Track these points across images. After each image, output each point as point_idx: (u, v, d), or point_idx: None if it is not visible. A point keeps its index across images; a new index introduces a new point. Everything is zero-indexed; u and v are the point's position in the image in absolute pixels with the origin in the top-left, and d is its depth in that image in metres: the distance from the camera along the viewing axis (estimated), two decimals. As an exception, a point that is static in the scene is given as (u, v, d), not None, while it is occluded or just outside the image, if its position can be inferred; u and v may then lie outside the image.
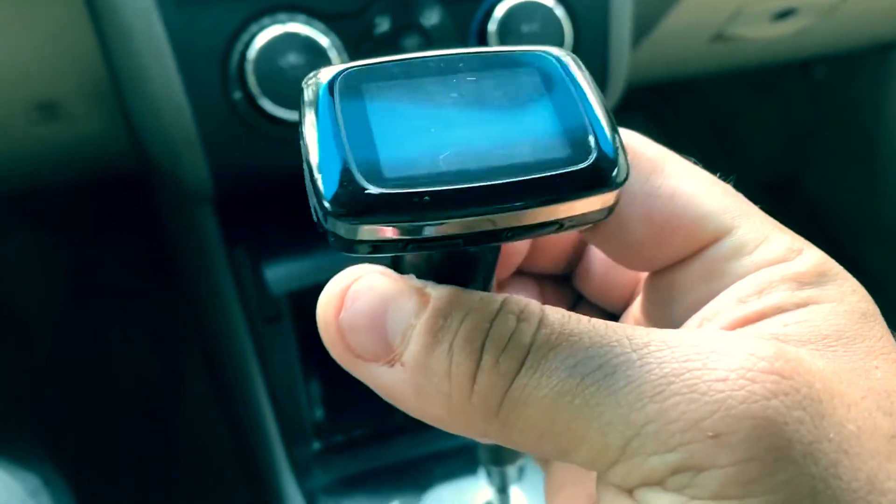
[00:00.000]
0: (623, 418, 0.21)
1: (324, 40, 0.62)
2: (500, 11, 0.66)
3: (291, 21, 0.62)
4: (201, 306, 0.94)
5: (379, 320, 0.24)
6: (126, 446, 1.19)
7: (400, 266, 0.26)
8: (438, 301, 0.24)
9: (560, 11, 0.67)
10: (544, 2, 0.67)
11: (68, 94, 0.73)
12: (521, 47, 0.25)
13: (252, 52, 0.61)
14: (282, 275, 0.74)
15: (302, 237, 0.75)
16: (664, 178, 0.27)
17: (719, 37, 0.97)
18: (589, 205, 0.22)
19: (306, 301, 0.79)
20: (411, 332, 0.23)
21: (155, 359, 1.25)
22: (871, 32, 1.15)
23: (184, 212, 0.85)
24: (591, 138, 0.22)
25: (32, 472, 0.65)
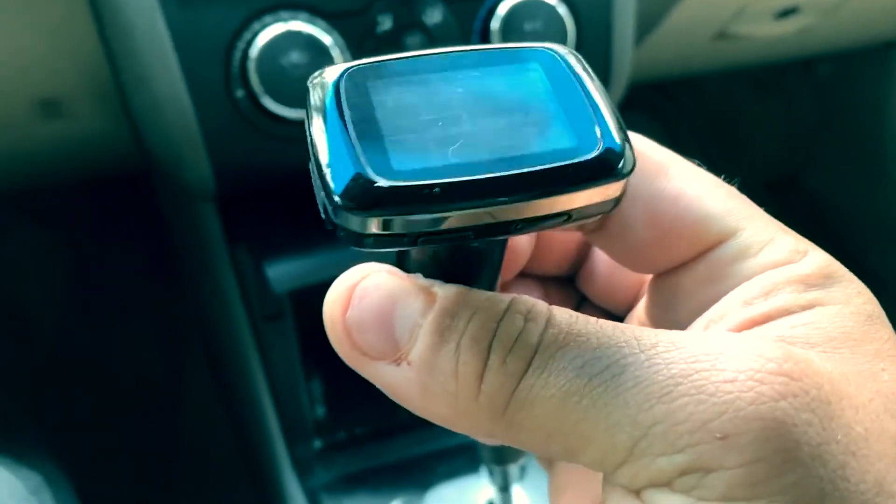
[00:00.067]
0: (631, 419, 0.21)
1: (326, 39, 0.62)
2: (502, 9, 0.66)
3: (294, 19, 0.62)
4: (203, 304, 0.95)
5: (386, 318, 0.24)
6: (127, 444, 1.19)
7: (406, 265, 0.26)
8: (445, 300, 0.23)
9: (563, 9, 0.67)
10: (547, 0, 0.67)
11: (71, 92, 0.73)
12: (523, 44, 0.25)
13: (254, 51, 0.61)
14: (284, 273, 0.74)
15: (304, 235, 0.75)
16: (668, 180, 0.27)
17: (722, 35, 0.97)
18: (597, 195, 0.23)
19: (308, 299, 0.79)
20: (418, 331, 0.23)
21: (156, 357, 1.25)
22: (874, 31, 1.15)
23: (186, 210, 0.85)
24: (596, 129, 0.23)
25: (34, 470, 0.65)
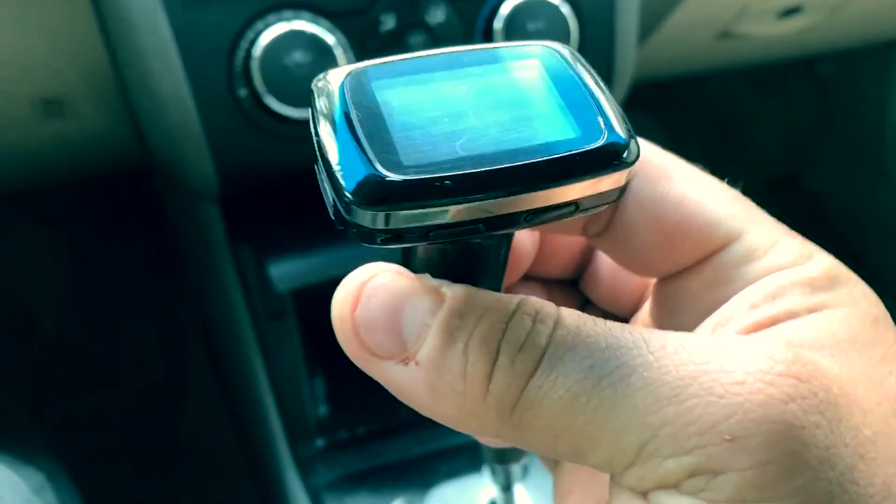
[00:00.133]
0: (639, 420, 0.21)
1: (329, 38, 0.62)
2: (505, 9, 0.65)
3: (297, 18, 0.62)
4: (205, 303, 0.95)
5: (395, 318, 0.24)
6: (129, 443, 1.19)
7: (413, 265, 0.26)
8: (454, 301, 0.23)
9: (566, 9, 0.67)
10: (550, -1, 0.67)
11: (73, 91, 0.73)
12: (523, 42, 0.26)
13: (257, 50, 0.61)
14: (286, 272, 0.74)
15: (306, 235, 0.75)
16: (672, 184, 0.27)
17: (725, 34, 0.97)
18: (604, 184, 0.23)
19: (310, 298, 0.79)
20: (427, 331, 0.23)
21: (158, 356, 1.25)
22: (877, 29, 1.15)
23: (189, 209, 0.85)
24: (599, 120, 0.23)
25: (37, 469, 0.65)
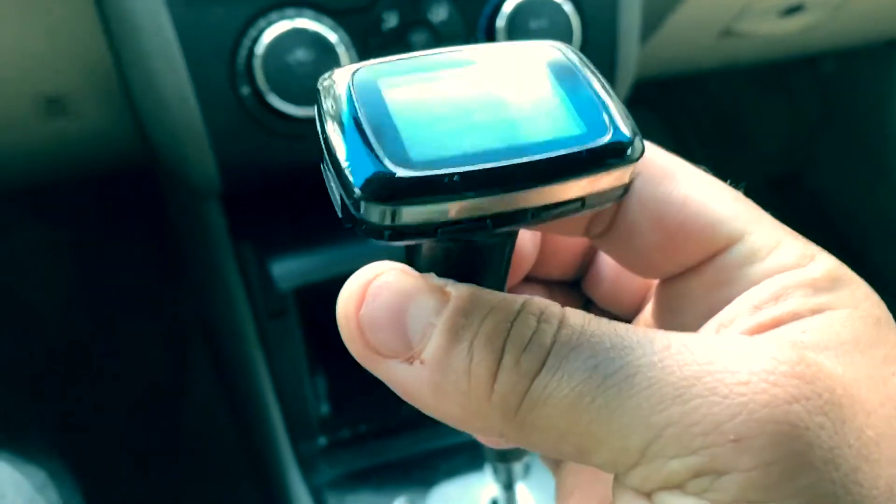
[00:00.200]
0: (644, 420, 0.21)
1: (332, 36, 0.62)
2: (508, 7, 0.65)
3: (299, 17, 0.62)
4: (207, 302, 0.95)
5: (400, 317, 0.24)
6: (132, 440, 1.19)
7: (417, 264, 0.26)
8: (459, 300, 0.23)
9: (568, 7, 0.67)
10: (553, -3, 0.67)
11: (75, 89, 0.73)
12: (525, 41, 0.26)
13: (260, 48, 0.61)
14: (288, 270, 0.74)
15: (308, 233, 0.75)
16: (675, 185, 0.27)
17: (727, 32, 0.97)
18: (610, 180, 0.23)
19: (312, 297, 0.79)
20: (431, 330, 0.23)
21: (161, 354, 1.25)
22: (879, 28, 1.15)
23: (190, 207, 0.85)
24: (604, 117, 0.24)
25: (39, 467, 0.65)
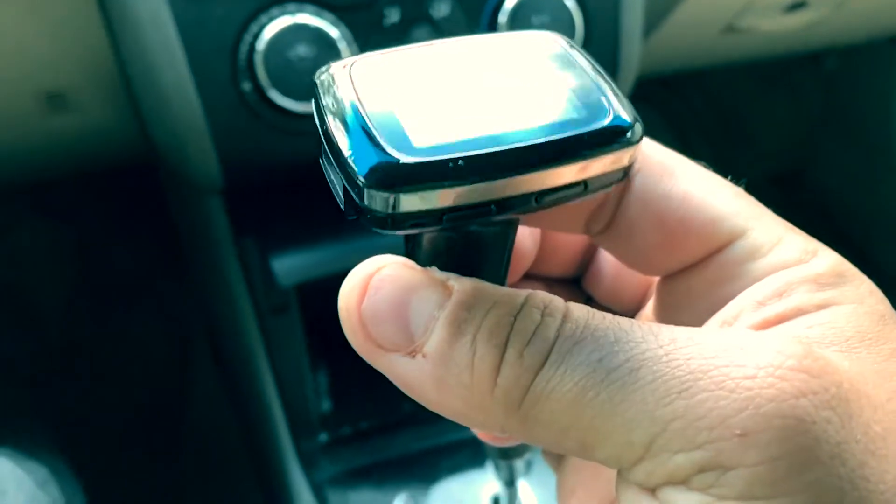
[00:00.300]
0: (648, 414, 0.21)
1: (333, 31, 0.62)
2: (510, 3, 0.65)
3: (301, 12, 0.62)
4: (209, 298, 0.95)
5: (402, 310, 0.24)
6: (133, 437, 1.19)
7: (418, 259, 0.25)
8: (462, 294, 0.23)
9: (571, 3, 0.67)
10: (555, -7, 0.66)
11: (77, 85, 0.73)
12: (522, 31, 0.27)
13: (261, 44, 0.61)
14: (290, 266, 0.74)
15: (310, 229, 0.75)
16: (675, 181, 0.27)
17: (730, 29, 0.96)
18: (613, 162, 0.24)
19: (314, 293, 0.79)
20: (434, 323, 0.23)
21: (163, 350, 1.25)
22: (882, 24, 1.14)
23: (193, 202, 0.85)
24: (604, 101, 0.24)
25: (41, 463, 0.65)
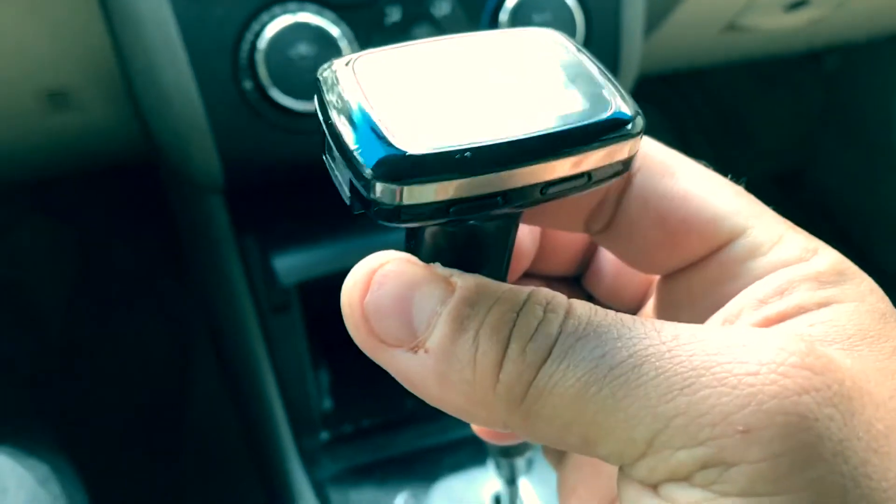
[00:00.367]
0: (651, 411, 0.21)
1: (334, 30, 0.62)
2: (511, 1, 0.65)
3: (302, 11, 0.62)
4: (210, 296, 0.95)
5: (405, 305, 0.24)
6: (134, 435, 1.19)
7: (421, 255, 0.26)
8: (465, 290, 0.23)
9: (572, 1, 0.67)
10: (556, -9, 0.66)
11: (78, 84, 0.73)
12: (521, 28, 0.27)
13: (262, 42, 0.61)
14: (291, 265, 0.74)
15: (311, 228, 0.75)
16: (675, 180, 0.27)
17: (731, 27, 0.96)
18: (616, 152, 0.24)
19: (315, 291, 0.79)
20: (437, 319, 0.23)
21: (164, 349, 1.25)
22: (884, 23, 1.14)
23: (194, 201, 0.85)
24: (605, 93, 0.24)
25: (42, 461, 0.65)
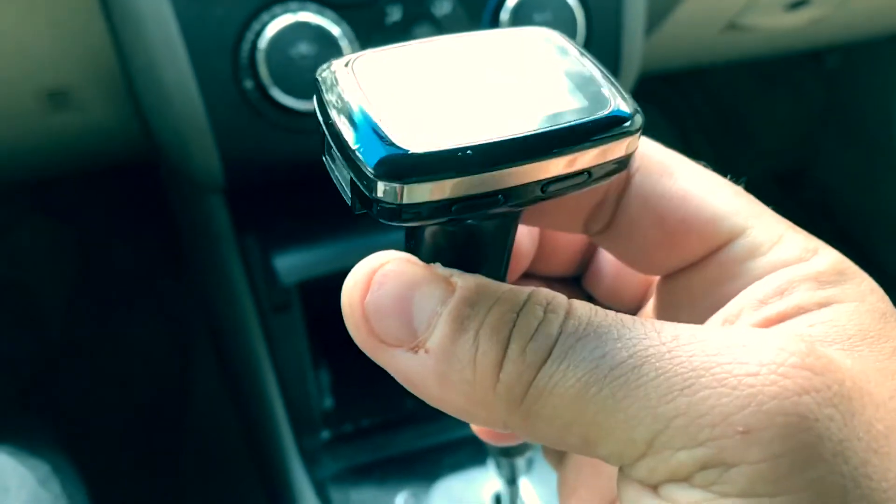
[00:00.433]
0: (651, 411, 0.21)
1: (335, 29, 0.62)
2: (512, 1, 0.65)
3: (302, 10, 0.62)
4: (211, 296, 0.95)
5: (405, 305, 0.24)
6: (135, 434, 1.19)
7: (420, 255, 0.26)
8: (465, 290, 0.23)
9: (573, 0, 0.67)
10: (557, -9, 0.66)
11: (79, 83, 0.73)
12: (518, 27, 0.27)
13: (263, 42, 0.61)
14: (292, 264, 0.74)
15: (312, 227, 0.75)
16: (674, 180, 0.27)
17: (732, 26, 0.96)
18: (615, 150, 0.24)
19: (316, 291, 0.79)
20: (437, 319, 0.23)
21: (164, 348, 1.25)
22: (885, 22, 1.14)
23: (194, 201, 0.85)
24: (604, 91, 0.24)
25: (43, 460, 0.65)
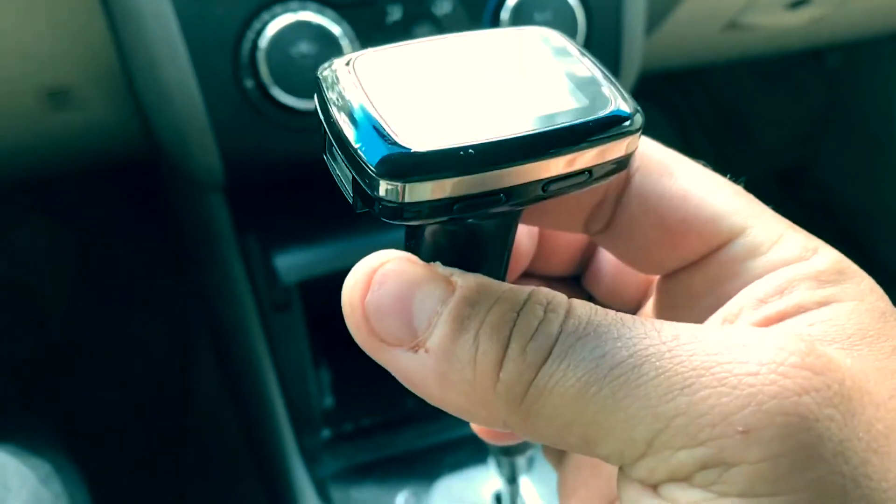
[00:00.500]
0: (651, 410, 0.21)
1: (336, 29, 0.62)
2: (512, 0, 0.65)
3: (303, 9, 0.62)
4: (211, 295, 0.95)
5: (405, 305, 0.24)
6: (136, 433, 1.19)
7: (420, 254, 0.26)
8: (465, 289, 0.23)
9: (573, 0, 0.67)
10: (557, -10, 0.66)
11: (79, 82, 0.73)
12: (518, 27, 0.27)
13: (264, 41, 0.61)
14: (292, 263, 0.74)
15: (312, 226, 0.75)
16: (674, 180, 0.27)
17: (732, 25, 0.96)
18: (617, 149, 0.24)
19: (316, 290, 0.79)
20: (437, 318, 0.23)
21: (164, 348, 1.25)
22: (885, 21, 1.14)
23: (194, 200, 0.85)
24: (604, 90, 0.24)
25: (44, 458, 0.65)
